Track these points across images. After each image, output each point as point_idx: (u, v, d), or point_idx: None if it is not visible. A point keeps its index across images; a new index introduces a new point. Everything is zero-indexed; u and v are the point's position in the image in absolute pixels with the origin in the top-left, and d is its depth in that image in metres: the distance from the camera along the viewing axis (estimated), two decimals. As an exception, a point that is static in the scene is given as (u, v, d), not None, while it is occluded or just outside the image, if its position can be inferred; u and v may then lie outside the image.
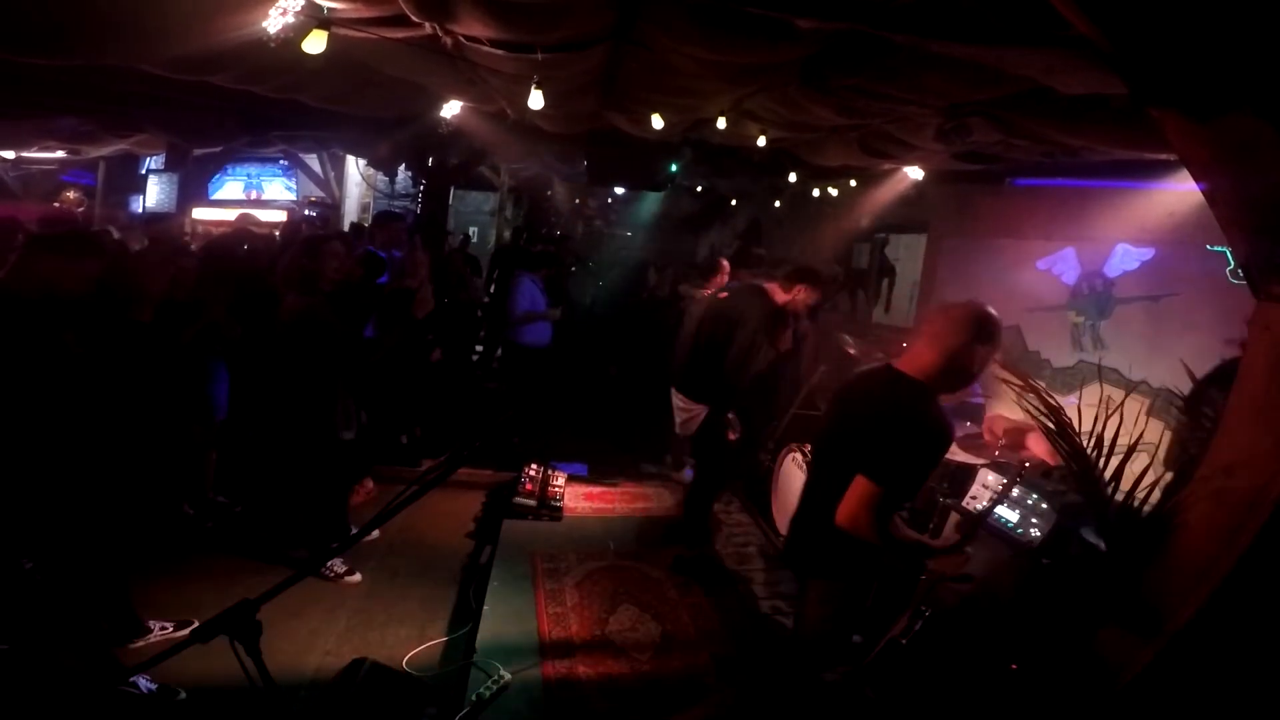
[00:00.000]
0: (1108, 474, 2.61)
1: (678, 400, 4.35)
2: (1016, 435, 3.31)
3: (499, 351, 7.02)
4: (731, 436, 4.15)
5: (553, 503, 4.61)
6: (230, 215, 7.96)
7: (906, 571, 2.37)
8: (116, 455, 2.77)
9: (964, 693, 2.72)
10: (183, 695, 2.74)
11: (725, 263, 5.64)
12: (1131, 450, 2.66)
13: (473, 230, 13.28)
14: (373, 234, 5.83)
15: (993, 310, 2.17)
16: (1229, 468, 1.95)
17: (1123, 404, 2.72)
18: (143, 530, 3.55)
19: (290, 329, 3.53)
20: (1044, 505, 3.01)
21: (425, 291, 4.00)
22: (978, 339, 2.13)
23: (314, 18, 2.78)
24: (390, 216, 6.27)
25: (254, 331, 3.77)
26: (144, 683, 2.71)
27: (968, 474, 3.44)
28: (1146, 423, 2.82)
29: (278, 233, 7.39)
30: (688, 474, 5.44)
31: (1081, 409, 2.71)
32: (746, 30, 2.64)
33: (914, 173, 5.95)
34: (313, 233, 5.80)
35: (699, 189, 10.47)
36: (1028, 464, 2.74)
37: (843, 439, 2.28)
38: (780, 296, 4.03)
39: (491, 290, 7.93)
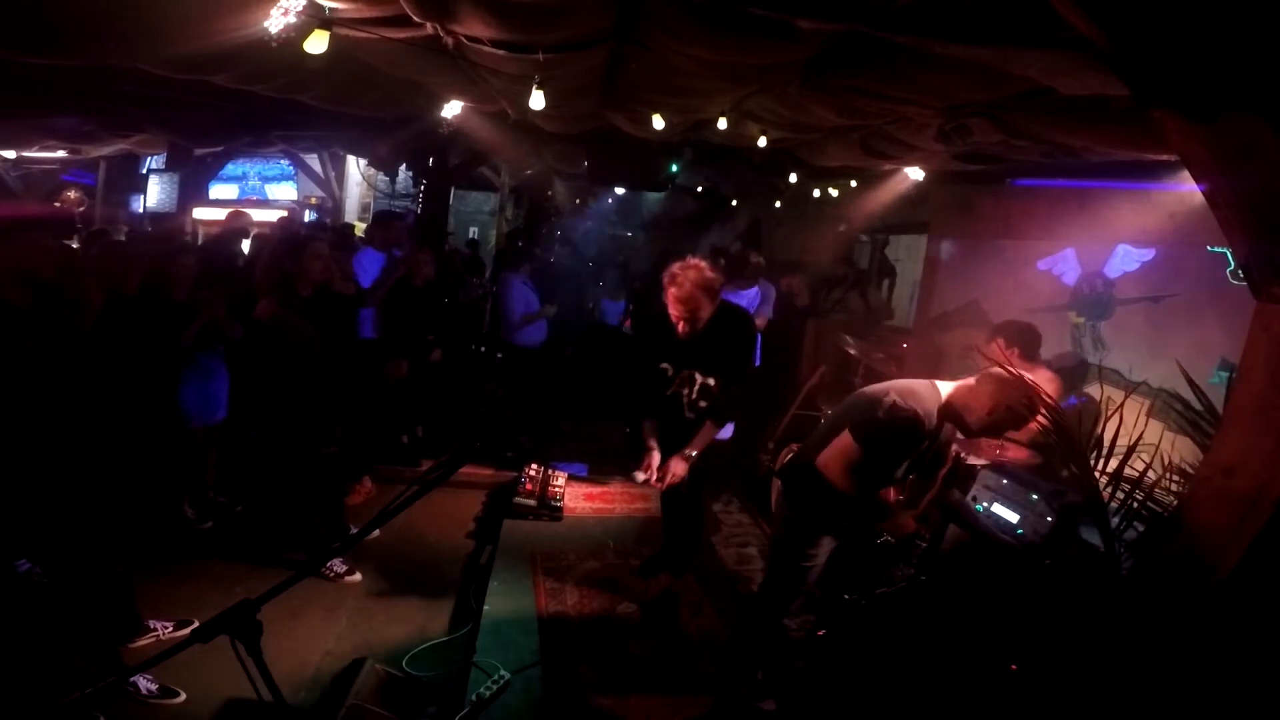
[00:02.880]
0: (1108, 475, 2.61)
1: None
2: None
3: (499, 355, 7.04)
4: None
5: (553, 503, 4.61)
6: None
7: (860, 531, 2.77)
8: (113, 455, 2.77)
9: (964, 692, 2.73)
10: (182, 696, 2.74)
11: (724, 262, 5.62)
12: (1131, 451, 2.67)
13: (473, 230, 13.30)
14: (373, 234, 5.84)
15: (1028, 416, 2.47)
16: (1229, 468, 1.94)
17: (1123, 405, 2.73)
18: (142, 530, 3.56)
19: (259, 336, 3.52)
20: (1044, 505, 3.01)
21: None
22: (998, 423, 2.47)
23: (316, 18, 2.78)
24: (391, 216, 6.27)
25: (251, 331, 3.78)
26: (144, 683, 2.71)
27: (968, 474, 3.44)
28: (1146, 424, 2.82)
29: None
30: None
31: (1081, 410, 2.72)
32: (747, 30, 2.64)
33: (914, 173, 5.95)
34: (292, 232, 5.78)
35: (699, 189, 10.47)
36: (962, 454, 2.90)
37: (855, 410, 2.60)
38: None
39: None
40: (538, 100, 3.63)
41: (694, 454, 3.19)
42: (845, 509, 2.60)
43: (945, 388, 2.54)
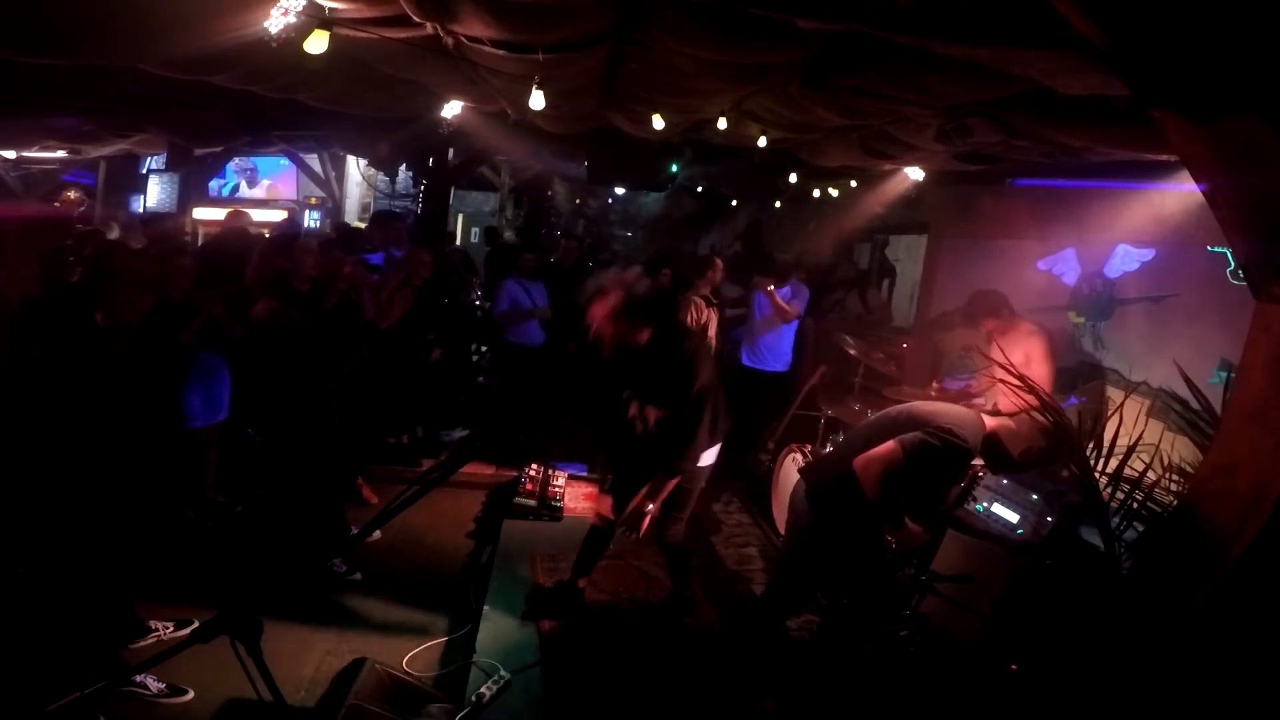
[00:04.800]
0: (1108, 475, 2.61)
1: None
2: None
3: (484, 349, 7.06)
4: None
5: (553, 503, 4.60)
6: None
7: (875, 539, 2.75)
8: (112, 459, 2.77)
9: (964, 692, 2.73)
10: (190, 694, 2.75)
11: (719, 261, 5.62)
12: (1131, 451, 2.67)
13: (474, 231, 13.29)
14: (372, 234, 5.84)
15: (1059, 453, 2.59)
16: (1229, 468, 1.95)
17: (1123, 405, 2.73)
18: (141, 532, 3.56)
19: (261, 333, 3.52)
20: (1044, 505, 3.01)
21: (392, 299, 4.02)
22: (1034, 460, 2.57)
23: (315, 18, 2.78)
24: (390, 216, 6.28)
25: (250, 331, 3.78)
26: (153, 683, 2.72)
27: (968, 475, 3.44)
28: (1146, 423, 2.83)
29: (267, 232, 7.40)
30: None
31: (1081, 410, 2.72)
32: (748, 31, 2.64)
33: (914, 173, 5.95)
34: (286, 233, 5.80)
35: (699, 189, 10.47)
36: (981, 473, 2.92)
37: (903, 426, 2.57)
38: None
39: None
40: (538, 100, 3.62)
41: (651, 507, 3.11)
42: (867, 515, 2.59)
43: (988, 420, 2.60)
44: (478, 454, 5.13)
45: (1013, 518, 3.08)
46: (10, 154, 7.79)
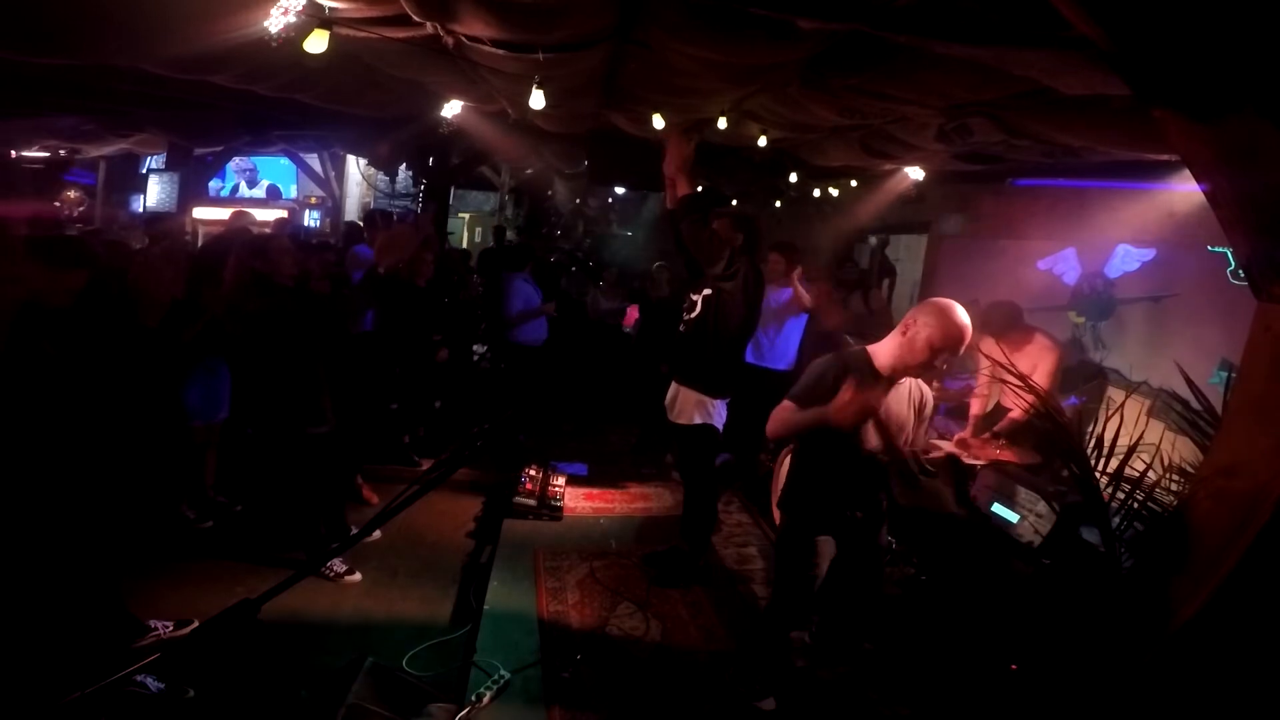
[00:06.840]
0: (1108, 475, 2.61)
1: None
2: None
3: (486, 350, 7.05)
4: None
5: (553, 503, 4.61)
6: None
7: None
8: (109, 459, 2.77)
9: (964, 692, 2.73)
10: (191, 694, 2.74)
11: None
12: (1131, 451, 2.67)
13: (478, 230, 13.29)
14: (371, 234, 5.86)
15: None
16: (1229, 468, 1.94)
17: (1123, 405, 2.73)
18: (137, 532, 3.56)
19: (250, 322, 3.53)
20: (1044, 505, 3.01)
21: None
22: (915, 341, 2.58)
23: (315, 17, 2.78)
24: (384, 215, 6.30)
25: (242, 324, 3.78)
26: (152, 682, 2.72)
27: (969, 473, 3.45)
28: (1147, 423, 2.83)
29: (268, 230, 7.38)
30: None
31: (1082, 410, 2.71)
32: (748, 30, 2.65)
33: (915, 173, 5.95)
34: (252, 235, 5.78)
35: (699, 189, 10.46)
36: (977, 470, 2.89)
37: None
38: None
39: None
40: (538, 100, 3.63)
41: None
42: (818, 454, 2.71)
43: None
44: (478, 454, 5.13)
45: (1013, 518, 3.08)
46: (10, 153, 7.79)
